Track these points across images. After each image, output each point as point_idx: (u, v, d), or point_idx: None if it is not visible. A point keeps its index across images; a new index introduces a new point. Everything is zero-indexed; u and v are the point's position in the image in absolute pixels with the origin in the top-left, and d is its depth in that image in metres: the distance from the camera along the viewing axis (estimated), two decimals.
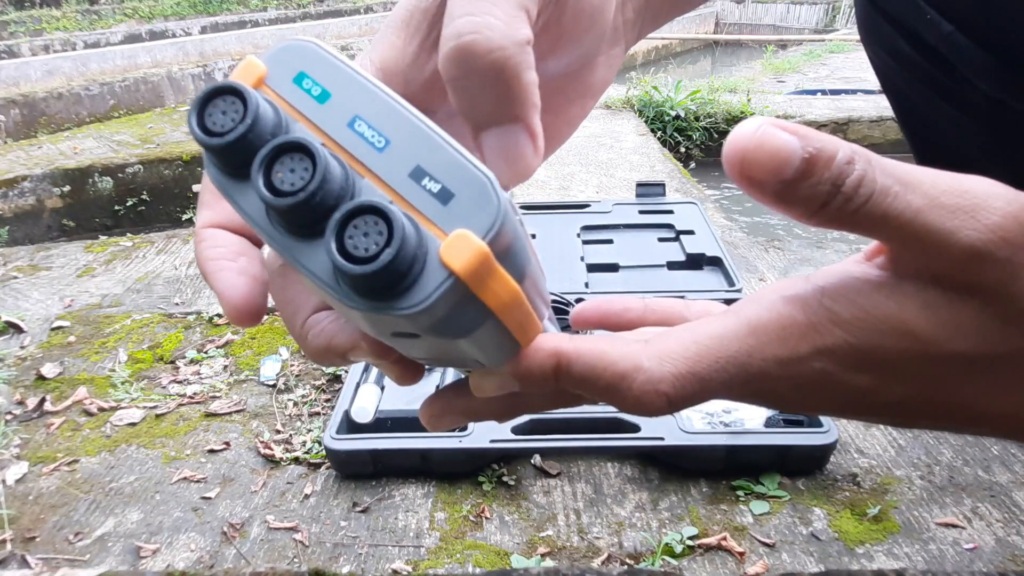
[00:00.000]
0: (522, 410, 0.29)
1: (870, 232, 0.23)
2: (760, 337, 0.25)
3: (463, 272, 0.19)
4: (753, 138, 0.22)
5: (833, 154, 0.22)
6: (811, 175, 0.22)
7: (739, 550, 0.76)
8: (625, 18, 0.35)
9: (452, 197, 0.20)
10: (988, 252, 0.22)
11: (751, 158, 0.22)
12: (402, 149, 0.20)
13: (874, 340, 0.24)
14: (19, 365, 1.18)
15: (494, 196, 0.19)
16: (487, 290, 0.20)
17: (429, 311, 0.19)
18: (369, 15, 8.29)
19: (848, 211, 0.22)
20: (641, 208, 1.51)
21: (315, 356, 0.26)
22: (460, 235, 0.19)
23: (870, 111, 3.23)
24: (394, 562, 0.77)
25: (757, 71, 4.80)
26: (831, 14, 10.25)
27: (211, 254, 0.27)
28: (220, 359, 1.17)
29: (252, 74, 0.21)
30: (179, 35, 7.01)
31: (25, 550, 0.80)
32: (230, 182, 0.21)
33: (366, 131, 0.20)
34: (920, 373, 0.25)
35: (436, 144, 0.20)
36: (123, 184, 2.43)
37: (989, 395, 0.26)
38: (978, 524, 0.79)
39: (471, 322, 0.21)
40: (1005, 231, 0.22)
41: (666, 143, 2.99)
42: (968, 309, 0.24)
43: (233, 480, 0.91)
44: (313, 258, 0.20)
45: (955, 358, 0.25)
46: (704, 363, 0.25)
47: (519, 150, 0.25)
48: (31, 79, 4.71)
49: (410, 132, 0.20)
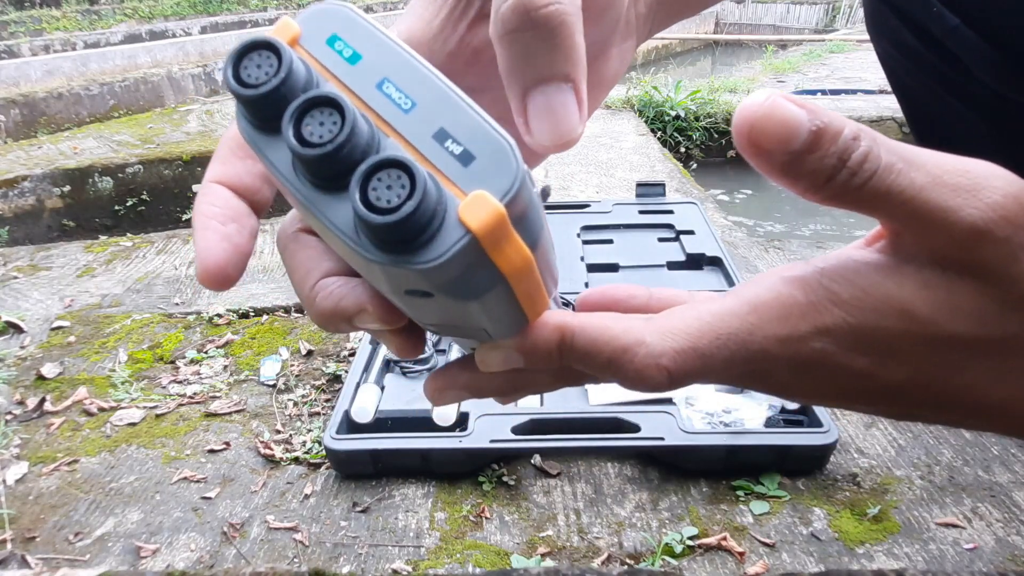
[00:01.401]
0: (526, 388, 0.29)
1: (872, 209, 0.23)
2: (761, 315, 0.25)
3: (479, 230, 0.19)
4: (762, 108, 0.22)
5: (840, 129, 0.22)
6: (818, 148, 0.22)
7: (739, 550, 0.76)
8: (637, 12, 0.35)
9: (473, 159, 0.20)
10: (988, 231, 0.22)
11: (760, 127, 0.22)
12: (427, 111, 0.21)
13: (872, 320, 0.25)
14: (19, 365, 1.18)
15: (513, 160, 0.20)
16: (501, 253, 0.20)
17: (444, 267, 0.20)
18: (369, 15, 8.26)
19: (852, 186, 0.22)
20: (641, 208, 1.51)
21: (321, 319, 0.26)
22: (479, 195, 0.19)
23: (870, 111, 3.23)
24: (394, 562, 0.77)
25: (757, 71, 4.80)
26: (831, 14, 10.25)
27: (206, 210, 0.27)
28: (220, 359, 1.17)
29: (287, 33, 0.22)
30: (179, 35, 7.01)
31: (25, 550, 0.80)
32: (259, 135, 0.21)
33: (393, 93, 0.21)
34: (919, 355, 0.25)
35: (460, 108, 0.21)
36: (123, 184, 2.43)
37: (986, 382, 0.26)
38: (978, 524, 0.79)
39: (483, 284, 0.21)
40: (1006, 210, 0.22)
41: (666, 143, 2.99)
42: (967, 290, 0.24)
43: (233, 480, 0.91)
44: (336, 210, 0.21)
45: (954, 341, 0.25)
46: (706, 339, 0.25)
47: (567, 111, 0.25)
48: (31, 79, 4.71)
49: (436, 96, 0.21)
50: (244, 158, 0.28)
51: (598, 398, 0.94)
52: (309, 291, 0.27)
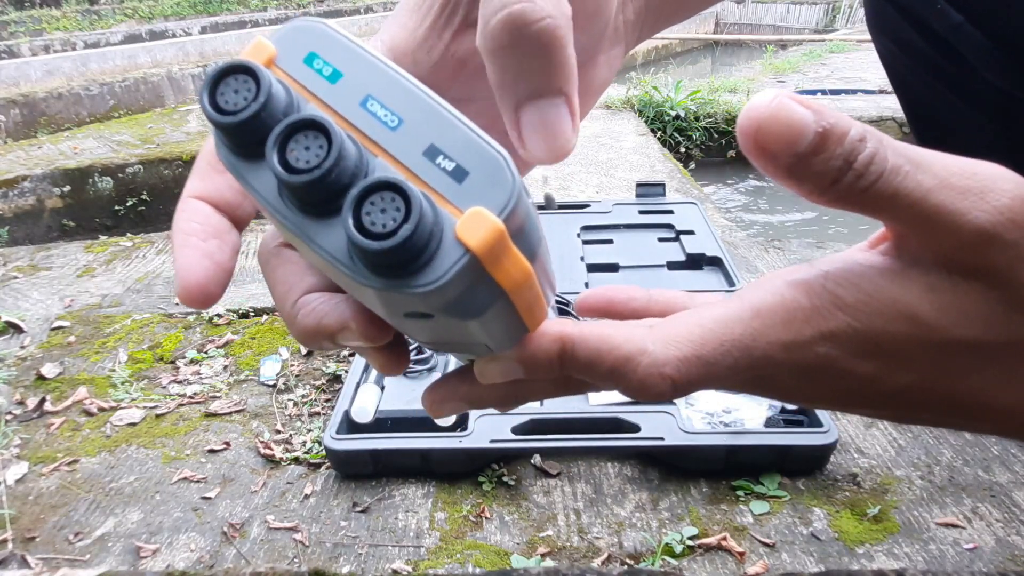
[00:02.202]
0: (526, 397, 0.29)
1: (879, 212, 0.23)
2: (765, 320, 0.25)
3: (479, 249, 0.19)
4: (768, 109, 0.21)
5: (846, 130, 0.22)
6: (824, 149, 0.22)
7: (739, 550, 0.76)
8: (626, 18, 0.35)
9: (467, 175, 0.20)
10: (997, 234, 0.22)
11: (766, 128, 0.22)
12: (415, 128, 0.20)
13: (877, 324, 0.24)
14: (19, 365, 1.18)
15: (509, 174, 0.19)
16: (501, 269, 0.20)
17: (444, 289, 0.19)
18: (369, 15, 8.29)
19: (859, 188, 0.22)
20: (641, 208, 1.51)
21: (303, 337, 0.26)
22: (476, 212, 0.19)
23: (870, 111, 3.23)
24: (394, 562, 0.77)
25: (757, 71, 4.80)
26: (831, 14, 10.25)
27: (185, 227, 0.26)
28: (220, 359, 1.17)
29: (262, 54, 0.21)
30: (179, 35, 7.01)
31: (25, 550, 0.80)
32: (240, 161, 0.21)
33: (378, 110, 0.20)
34: (924, 359, 0.25)
35: (450, 122, 0.20)
36: (123, 184, 2.43)
37: (993, 387, 0.26)
38: (978, 524, 0.79)
39: (483, 302, 0.21)
40: (1014, 213, 0.22)
41: (666, 143, 2.99)
42: (973, 294, 0.24)
43: (233, 480, 0.91)
44: (327, 236, 0.20)
45: (959, 344, 0.24)
46: (709, 346, 0.25)
47: (561, 125, 0.24)
48: (31, 79, 4.71)
49: (423, 111, 0.20)
50: (224, 171, 0.27)
51: (598, 398, 0.94)
52: (291, 308, 0.26)
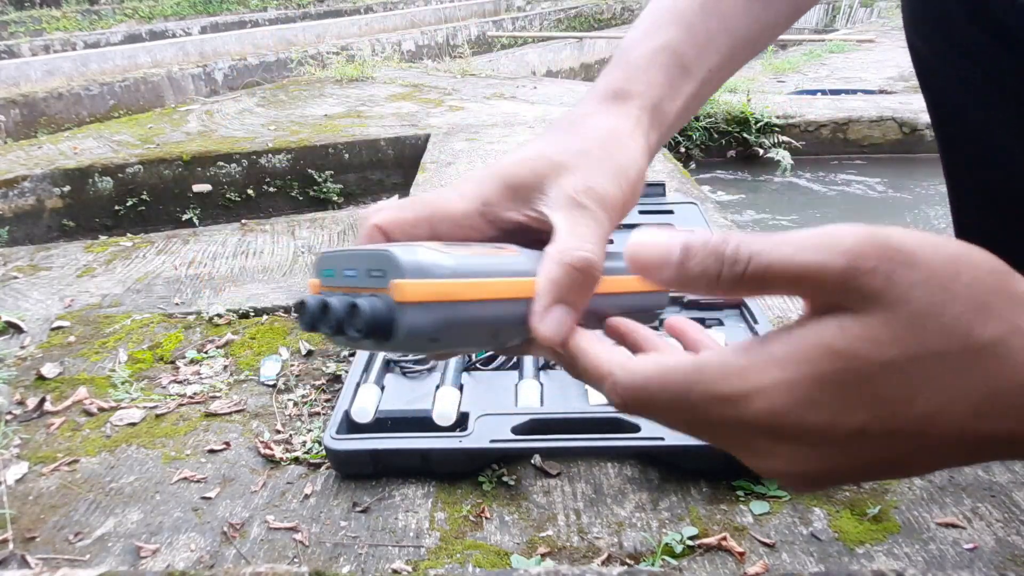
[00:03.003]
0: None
1: (768, 288, 0.28)
2: (704, 374, 0.29)
3: (400, 297, 0.32)
4: (641, 240, 0.30)
5: (707, 237, 0.28)
6: (693, 255, 0.28)
7: (739, 550, 0.76)
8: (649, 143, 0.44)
9: (384, 273, 0.33)
10: (855, 267, 0.26)
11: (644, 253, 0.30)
12: (362, 267, 0.35)
13: (806, 370, 0.27)
14: (19, 365, 1.18)
15: (393, 258, 0.33)
16: (422, 294, 0.32)
17: (411, 331, 0.33)
18: (369, 15, 8.29)
19: (738, 273, 0.27)
20: (641, 208, 1.51)
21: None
22: (393, 284, 0.32)
23: (870, 111, 3.23)
24: (394, 562, 0.77)
25: (757, 71, 4.80)
26: (831, 14, 10.24)
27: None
28: (220, 359, 1.18)
29: (314, 286, 0.38)
30: (179, 35, 7.01)
31: (25, 550, 0.80)
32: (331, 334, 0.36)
33: (349, 272, 0.35)
34: (863, 392, 0.27)
35: (371, 253, 0.34)
36: (123, 184, 2.43)
37: (945, 408, 0.27)
38: (978, 524, 0.79)
39: (439, 317, 0.33)
40: (860, 246, 0.26)
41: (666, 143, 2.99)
42: (874, 320, 0.26)
43: (233, 480, 0.91)
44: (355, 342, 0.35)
45: (885, 368, 0.26)
46: (653, 384, 0.30)
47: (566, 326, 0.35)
48: (31, 79, 4.71)
49: (363, 257, 0.34)
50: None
51: (598, 398, 0.94)
52: None
